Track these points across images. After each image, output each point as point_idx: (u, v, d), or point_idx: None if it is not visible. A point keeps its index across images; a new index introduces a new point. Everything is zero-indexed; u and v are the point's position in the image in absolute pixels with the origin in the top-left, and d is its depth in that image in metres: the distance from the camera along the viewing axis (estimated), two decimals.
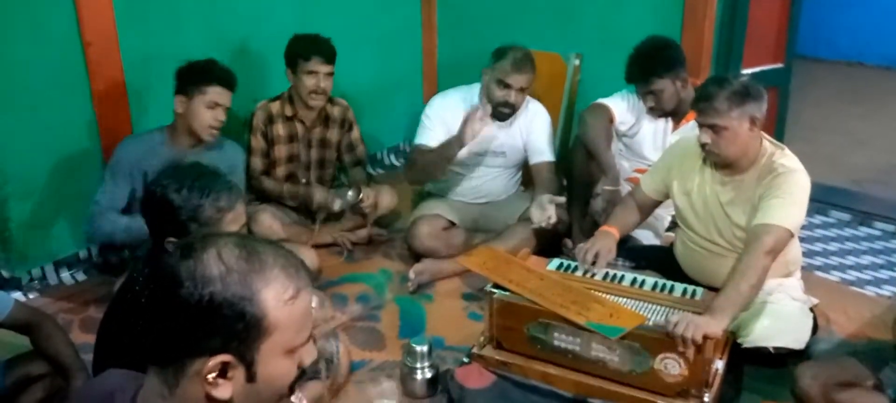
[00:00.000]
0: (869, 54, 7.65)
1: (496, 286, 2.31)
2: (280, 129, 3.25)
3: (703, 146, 2.35)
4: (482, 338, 2.38)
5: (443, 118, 3.12)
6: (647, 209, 2.71)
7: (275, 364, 1.05)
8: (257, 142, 3.23)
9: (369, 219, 3.33)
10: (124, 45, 3.12)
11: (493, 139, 3.14)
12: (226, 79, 2.78)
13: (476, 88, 3.15)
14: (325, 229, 3.34)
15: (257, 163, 3.24)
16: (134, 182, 2.76)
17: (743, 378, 2.40)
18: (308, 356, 1.10)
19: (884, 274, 3.22)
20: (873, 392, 2.12)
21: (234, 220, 1.74)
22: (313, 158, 3.35)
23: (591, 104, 3.07)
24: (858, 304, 2.93)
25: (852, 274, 3.23)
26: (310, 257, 2.93)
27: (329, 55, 3.15)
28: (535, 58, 3.49)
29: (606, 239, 2.54)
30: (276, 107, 3.25)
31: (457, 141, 2.93)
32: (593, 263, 2.45)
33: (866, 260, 3.37)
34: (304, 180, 3.33)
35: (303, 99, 3.18)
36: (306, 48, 3.13)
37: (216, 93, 2.74)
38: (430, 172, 3.15)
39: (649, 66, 2.89)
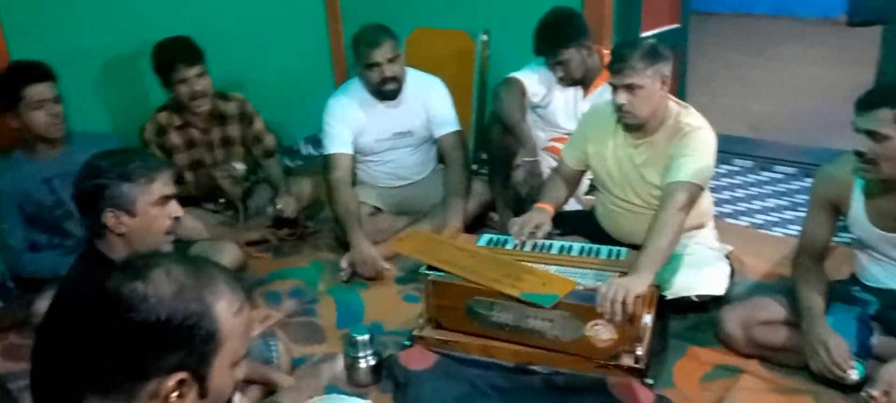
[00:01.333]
0: (757, 4, 8.03)
1: (430, 267, 2.35)
2: (175, 139, 3.16)
3: (618, 108, 2.43)
4: (421, 320, 2.41)
5: (343, 119, 3.12)
6: (573, 181, 2.78)
7: (223, 377, 1.08)
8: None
9: (300, 222, 3.30)
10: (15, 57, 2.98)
11: (393, 121, 3.16)
12: (34, 74, 2.66)
13: (356, 81, 3.16)
14: (252, 226, 3.29)
15: None
16: (20, 207, 2.70)
17: (670, 327, 2.52)
18: (241, 370, 1.13)
19: (788, 214, 3.42)
20: (787, 328, 2.28)
21: (164, 185, 1.79)
22: (219, 159, 3.26)
23: (502, 79, 3.13)
24: (768, 246, 3.11)
25: (760, 218, 3.42)
26: (234, 254, 2.90)
27: (192, 57, 3.03)
28: (444, 37, 3.53)
29: (540, 214, 2.58)
30: (164, 117, 3.15)
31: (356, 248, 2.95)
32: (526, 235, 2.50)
33: (771, 203, 3.57)
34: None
35: (187, 106, 3.09)
36: (168, 57, 3.03)
37: (33, 92, 2.63)
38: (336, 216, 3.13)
39: (555, 37, 2.97)
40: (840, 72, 5.78)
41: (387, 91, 3.06)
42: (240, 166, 3.15)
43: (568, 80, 3.05)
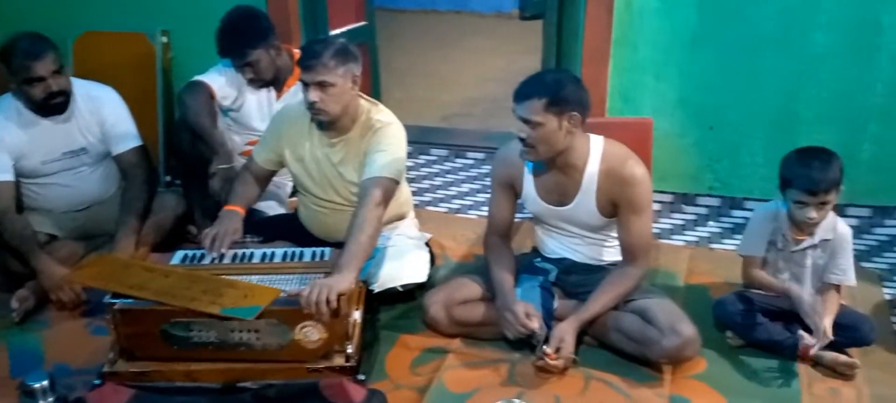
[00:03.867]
0: (439, 1, 8.53)
1: (116, 295, 2.13)
2: None
3: (310, 105, 2.40)
4: (112, 354, 2.18)
5: None
6: (264, 180, 2.71)
7: None
8: None
9: None
10: None
11: (62, 139, 2.80)
12: None
13: (9, 98, 2.76)
14: None
15: None
16: None
17: (380, 319, 2.56)
18: None
19: (481, 197, 3.66)
20: (484, 303, 2.43)
21: None
22: None
23: (186, 83, 2.94)
24: (465, 228, 3.30)
25: (456, 203, 3.62)
26: None
27: None
28: (118, 40, 3.25)
29: (231, 218, 2.48)
30: None
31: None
32: (220, 246, 2.38)
33: (465, 187, 3.80)
34: None
35: None
36: None
37: None
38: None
39: (241, 38, 2.86)
40: (515, 61, 6.35)
41: (53, 105, 2.70)
42: None
43: (259, 82, 2.96)
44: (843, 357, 2.26)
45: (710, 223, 3.35)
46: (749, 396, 2.20)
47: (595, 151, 2.29)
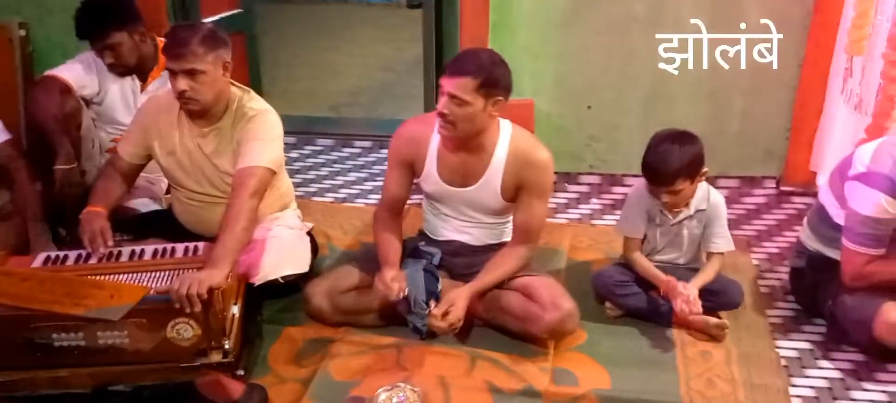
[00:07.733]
0: None
1: None
2: None
3: (180, 94, 2.30)
4: None
5: None
6: (132, 176, 2.58)
7: None
8: None
9: None
10: None
11: None
12: None
13: None
14: None
15: None
16: None
17: (263, 313, 2.50)
18: None
19: (368, 185, 3.64)
20: (368, 290, 2.39)
21: None
22: None
23: (38, 79, 2.78)
24: (351, 217, 3.27)
25: (343, 193, 3.57)
26: None
27: None
28: None
29: (96, 220, 2.33)
30: None
31: None
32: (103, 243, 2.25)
33: (353, 177, 3.76)
34: None
35: None
36: None
37: None
38: None
39: (103, 18, 2.72)
40: (402, 49, 6.35)
41: None
42: None
43: (119, 68, 2.82)
44: (713, 320, 2.37)
45: (592, 200, 3.44)
46: (627, 364, 2.27)
47: (504, 135, 2.31)
